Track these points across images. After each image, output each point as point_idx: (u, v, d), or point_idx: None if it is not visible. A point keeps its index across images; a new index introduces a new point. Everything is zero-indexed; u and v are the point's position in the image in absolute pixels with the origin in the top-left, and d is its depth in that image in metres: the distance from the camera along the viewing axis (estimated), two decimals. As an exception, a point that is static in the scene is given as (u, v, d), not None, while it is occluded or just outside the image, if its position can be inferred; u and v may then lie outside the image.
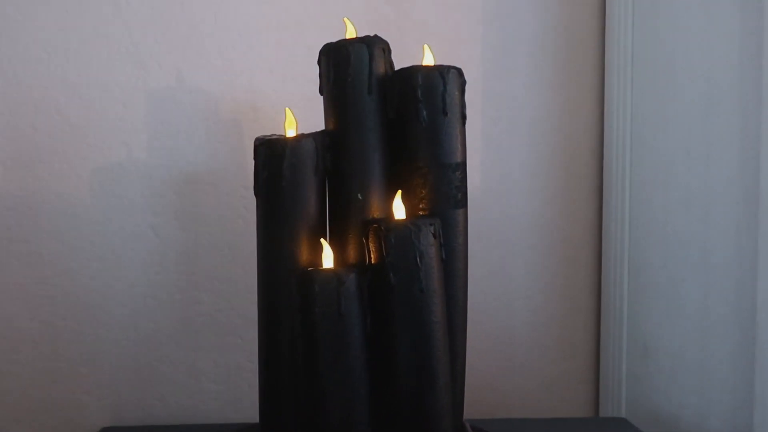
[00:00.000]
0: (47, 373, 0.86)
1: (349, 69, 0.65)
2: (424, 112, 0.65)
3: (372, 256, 0.62)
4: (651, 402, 0.84)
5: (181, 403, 0.89)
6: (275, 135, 0.66)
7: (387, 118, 0.66)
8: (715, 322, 0.73)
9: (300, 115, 0.68)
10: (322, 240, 0.63)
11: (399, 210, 0.64)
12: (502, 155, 0.92)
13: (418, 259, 0.60)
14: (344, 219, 0.65)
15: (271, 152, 0.64)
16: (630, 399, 0.88)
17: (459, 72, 0.66)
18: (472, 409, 0.80)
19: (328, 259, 0.62)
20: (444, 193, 0.65)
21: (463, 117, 0.67)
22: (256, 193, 0.65)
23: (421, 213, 0.65)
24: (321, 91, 0.67)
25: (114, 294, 0.87)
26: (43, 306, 0.86)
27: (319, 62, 0.67)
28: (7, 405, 0.85)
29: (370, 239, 0.62)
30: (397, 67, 0.67)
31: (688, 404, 0.77)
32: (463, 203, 0.67)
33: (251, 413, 0.75)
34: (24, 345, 0.85)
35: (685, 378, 0.78)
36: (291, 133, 0.66)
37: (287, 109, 0.67)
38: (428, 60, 0.68)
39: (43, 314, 0.86)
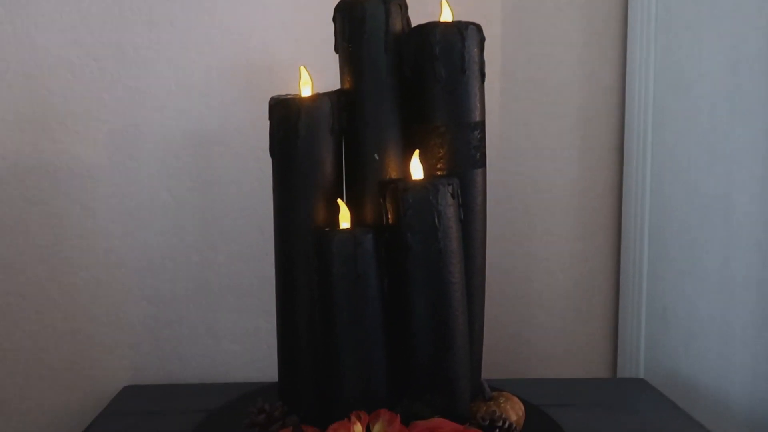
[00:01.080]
0: (69, 332, 0.87)
1: (365, 26, 0.63)
2: (442, 70, 0.63)
3: (389, 216, 0.61)
4: (669, 364, 0.83)
5: (200, 363, 0.90)
6: (290, 95, 0.65)
7: (404, 76, 0.65)
8: (736, 283, 0.72)
9: (315, 74, 0.66)
10: (338, 200, 0.63)
11: (416, 170, 0.63)
12: (521, 115, 0.90)
13: (436, 220, 0.59)
14: (361, 179, 0.64)
15: (286, 112, 0.63)
16: (648, 360, 0.88)
17: (478, 28, 0.65)
18: (490, 370, 0.80)
19: (345, 219, 0.62)
20: (462, 152, 0.64)
21: (482, 75, 0.65)
22: (271, 154, 0.65)
23: (439, 173, 0.64)
24: (336, 50, 0.66)
25: (132, 256, 0.87)
26: (62, 267, 0.86)
27: (334, 20, 0.66)
28: (31, 363, 0.87)
29: (387, 199, 0.61)
30: (414, 24, 0.66)
31: (707, 366, 0.77)
32: (481, 163, 0.65)
33: (270, 372, 0.76)
34: (45, 306, 0.87)
35: (704, 340, 0.77)
36: (306, 92, 0.65)
37: (302, 67, 0.66)
38: (446, 16, 0.66)
39: (64, 276, 0.87)
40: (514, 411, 0.64)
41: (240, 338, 0.90)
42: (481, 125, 0.65)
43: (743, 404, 0.71)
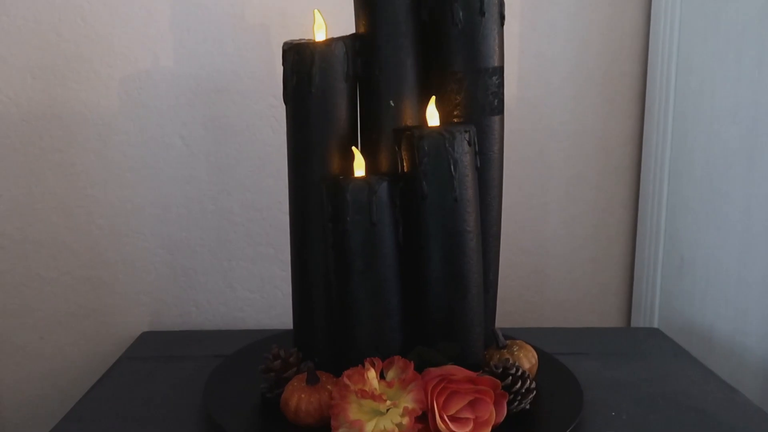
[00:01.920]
0: (87, 279, 0.88)
1: (381, -32, 0.61)
2: (460, 13, 0.61)
3: (405, 164, 0.60)
4: (684, 314, 0.83)
5: (216, 310, 0.91)
6: (304, 39, 0.63)
7: (421, 19, 0.63)
8: (757, 234, 0.71)
9: (330, 18, 0.64)
10: (353, 148, 0.62)
11: (433, 117, 0.62)
12: (540, 60, 0.88)
13: (452, 168, 0.59)
14: (376, 126, 0.63)
15: (299, 57, 0.61)
16: (663, 311, 0.88)
17: (497, -31, 0.62)
18: (504, 319, 0.80)
19: (359, 167, 0.61)
20: (480, 99, 0.63)
21: (502, 18, 0.63)
22: (285, 101, 0.63)
23: (455, 120, 0.63)
24: (351, -8, 0.64)
25: (147, 204, 0.87)
26: (79, 215, 0.87)
27: (349, -40, 0.64)
28: (50, 310, 0.88)
29: (402, 147, 0.60)
30: (431, -35, 0.63)
31: (723, 316, 0.76)
32: (499, 110, 0.64)
33: (285, 320, 0.77)
34: (63, 253, 0.87)
35: (721, 290, 0.77)
36: (320, 36, 0.63)
37: (316, 11, 0.64)
38: (465, -44, 0.64)
39: (80, 223, 0.87)
40: (527, 359, 0.64)
41: (255, 286, 0.91)
42: (500, 71, 0.63)
43: (758, 354, 0.71)
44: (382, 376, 0.57)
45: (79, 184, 0.86)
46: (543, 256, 0.93)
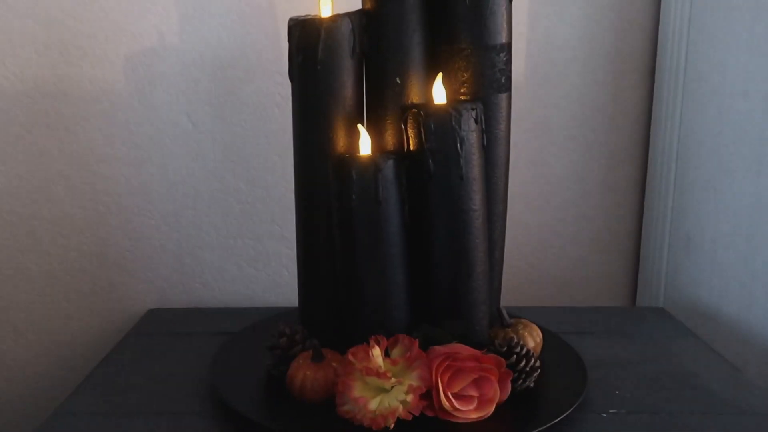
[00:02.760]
0: (94, 256, 0.89)
1: (388, -58, 0.60)
2: (468, -12, 0.60)
3: (411, 142, 0.60)
4: (690, 294, 0.83)
5: (223, 288, 0.91)
6: (310, 15, 0.62)
7: (428, -5, 0.62)
8: (764, 213, 0.70)
9: (335, -7, 0.64)
10: (359, 125, 0.62)
11: (439, 94, 0.61)
12: (549, 37, 0.87)
13: (458, 146, 0.58)
14: (382, 104, 0.63)
15: (305, 33, 0.61)
16: (669, 290, 0.87)
17: (506, -58, 0.61)
18: (510, 297, 0.80)
19: (365, 145, 0.61)
20: (487, 76, 0.62)
21: (510, -7, 0.62)
22: (291, 78, 0.63)
23: (462, 97, 0.63)
24: (357, -33, 0.63)
25: (153, 182, 0.87)
26: (85, 193, 0.87)
27: (355, -65, 0.63)
28: (58, 286, 0.89)
29: (408, 125, 0.60)
30: (439, -61, 0.62)
31: (728, 296, 0.76)
32: (506, 87, 0.63)
33: (291, 297, 0.77)
34: (70, 230, 0.88)
35: (727, 270, 0.76)
36: (326, 12, 0.63)
37: (322, -14, 0.63)
38: (473, -70, 0.63)
39: (86, 201, 0.87)
40: (531, 338, 0.64)
41: (261, 264, 0.91)
42: (508, 47, 0.63)
43: (763, 335, 0.71)
44: (387, 354, 0.57)
45: (85, 161, 0.86)
46: (549, 234, 0.92)
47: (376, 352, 0.56)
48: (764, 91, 0.70)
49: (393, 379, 0.55)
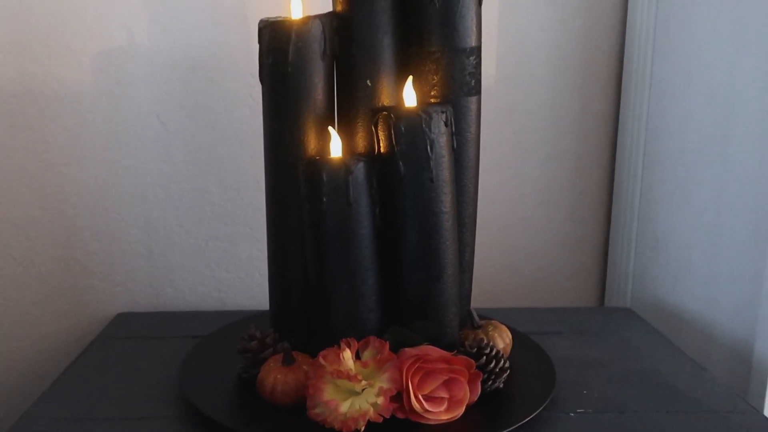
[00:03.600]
0: (62, 259, 0.87)
1: (358, -55, 0.60)
2: (438, -8, 0.61)
3: (381, 144, 0.60)
4: (657, 294, 0.84)
5: (194, 291, 0.90)
6: (281, 17, 0.62)
7: (398, -2, 0.62)
8: (729, 216, 0.72)
9: (306, -5, 0.64)
10: (329, 128, 0.62)
11: (410, 97, 0.61)
12: (518, 40, 0.88)
13: (428, 148, 0.59)
14: (353, 106, 0.63)
15: (275, 35, 0.61)
16: (636, 291, 0.89)
17: (475, -53, 0.62)
18: (480, 299, 0.81)
19: (336, 147, 0.61)
20: (457, 79, 0.62)
21: (479, -3, 0.63)
22: (261, 80, 0.63)
23: (432, 100, 0.63)
24: (328, -31, 0.63)
25: (122, 183, 0.86)
26: (53, 195, 0.86)
27: (325, -63, 0.63)
28: (25, 290, 0.87)
29: (379, 127, 0.60)
30: (409, -57, 0.63)
31: (694, 297, 0.78)
32: (476, 90, 0.64)
33: (262, 300, 0.77)
34: (37, 233, 0.86)
35: (693, 271, 0.78)
36: (297, 14, 0.63)
37: (292, -12, 0.63)
38: (443, -66, 0.63)
39: (54, 202, 0.86)
40: (501, 339, 0.65)
41: (232, 266, 0.90)
42: (477, 50, 0.63)
43: (727, 333, 0.73)
44: (357, 357, 0.57)
45: (52, 162, 0.85)
46: (519, 236, 0.93)
47: (347, 354, 0.56)
48: (727, 99, 0.72)
49: (364, 382, 0.55)
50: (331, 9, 0.63)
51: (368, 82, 0.62)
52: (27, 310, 0.88)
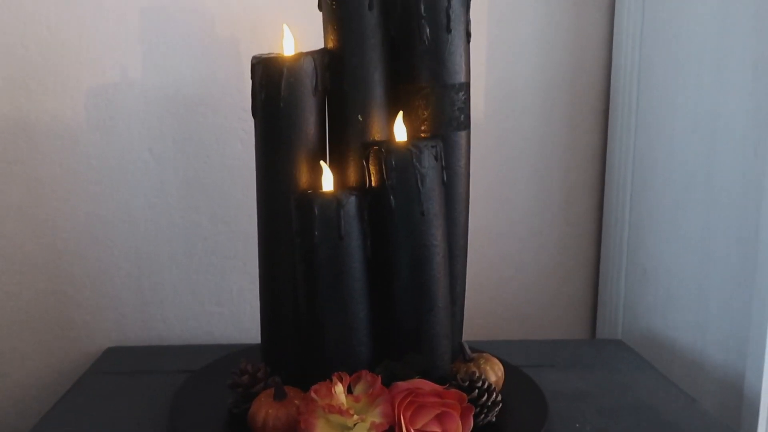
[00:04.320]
0: (51, 294, 0.87)
1: (349, -17, 0.62)
2: (427, 29, 0.62)
3: (372, 178, 0.61)
4: (647, 325, 0.85)
5: (184, 325, 0.90)
6: (273, 53, 0.63)
7: (389, 35, 0.63)
8: (716, 246, 0.73)
9: (298, 32, 0.65)
10: (321, 162, 0.62)
11: (400, 131, 0.62)
12: (507, 76, 0.89)
13: (419, 182, 0.59)
14: (344, 141, 0.64)
15: (268, 71, 0.62)
16: (627, 322, 0.89)
17: (464, -13, 0.64)
18: (471, 331, 0.81)
19: (327, 181, 0.62)
20: (446, 114, 0.64)
21: (468, 35, 0.64)
22: (253, 114, 0.64)
23: (422, 135, 0.64)
24: (320, 7, 0.65)
25: (113, 217, 0.87)
26: (44, 229, 0.86)
27: (317, -23, 0.64)
28: (14, 324, 0.87)
29: (370, 161, 0.61)
30: (399, -18, 0.64)
31: (684, 328, 0.78)
32: (465, 125, 0.65)
33: (253, 334, 0.76)
34: (27, 267, 0.86)
35: (682, 302, 0.79)
36: (289, 51, 0.64)
37: (285, 26, 0.65)
38: (432, -26, 0.65)
39: (45, 237, 0.86)
40: (493, 372, 0.65)
41: (223, 300, 0.90)
42: (466, 86, 0.65)
43: (717, 365, 0.73)
44: (349, 391, 0.57)
45: (44, 196, 0.85)
46: (510, 269, 0.94)
47: (339, 389, 0.56)
48: (711, 126, 0.73)
49: (355, 416, 0.55)
50: (322, 46, 0.65)
51: (359, 117, 0.63)
52: (15, 345, 0.87)
